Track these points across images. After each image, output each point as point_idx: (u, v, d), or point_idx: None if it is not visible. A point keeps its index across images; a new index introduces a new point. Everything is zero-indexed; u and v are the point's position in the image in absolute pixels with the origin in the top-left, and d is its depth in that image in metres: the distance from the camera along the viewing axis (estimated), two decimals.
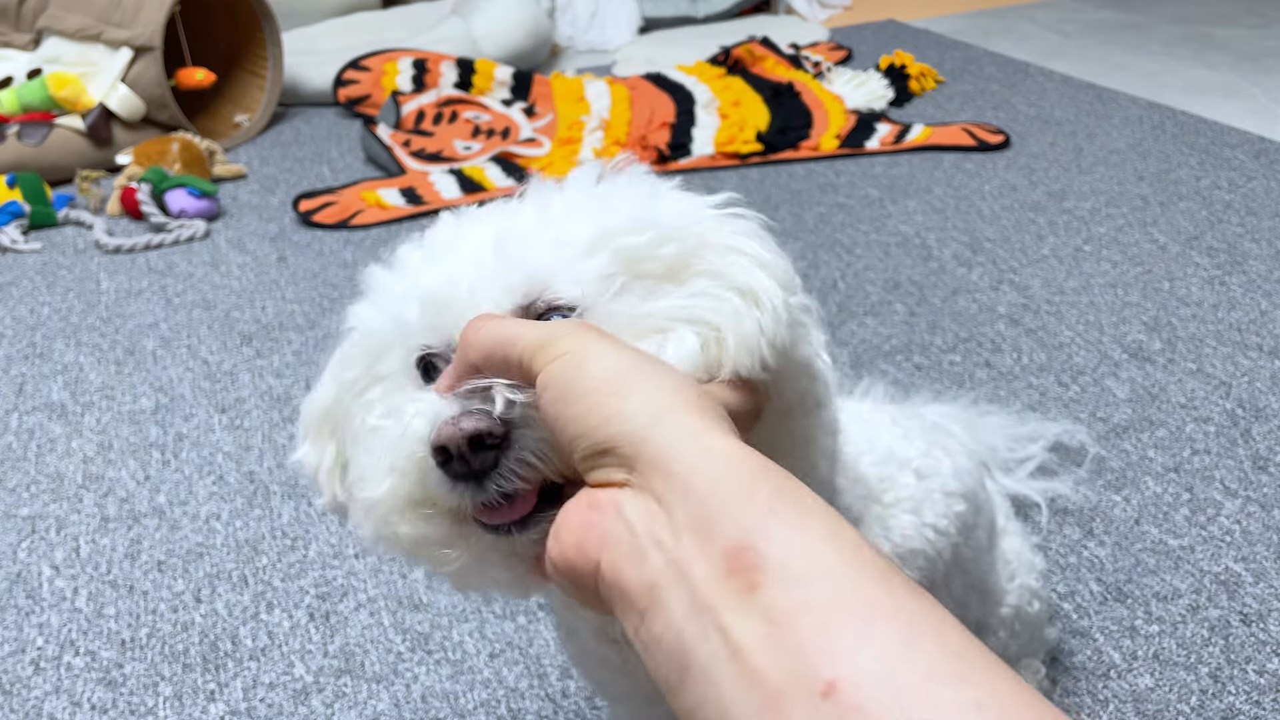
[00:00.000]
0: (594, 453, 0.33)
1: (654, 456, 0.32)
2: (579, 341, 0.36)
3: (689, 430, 0.32)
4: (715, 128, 2.12)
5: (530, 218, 0.46)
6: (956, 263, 1.60)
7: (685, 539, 0.30)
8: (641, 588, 0.30)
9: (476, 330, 0.38)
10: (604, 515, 0.33)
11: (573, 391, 0.34)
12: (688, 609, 0.29)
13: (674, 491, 0.31)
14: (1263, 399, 1.22)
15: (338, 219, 1.83)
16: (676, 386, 0.34)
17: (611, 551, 0.32)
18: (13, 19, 2.33)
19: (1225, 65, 2.49)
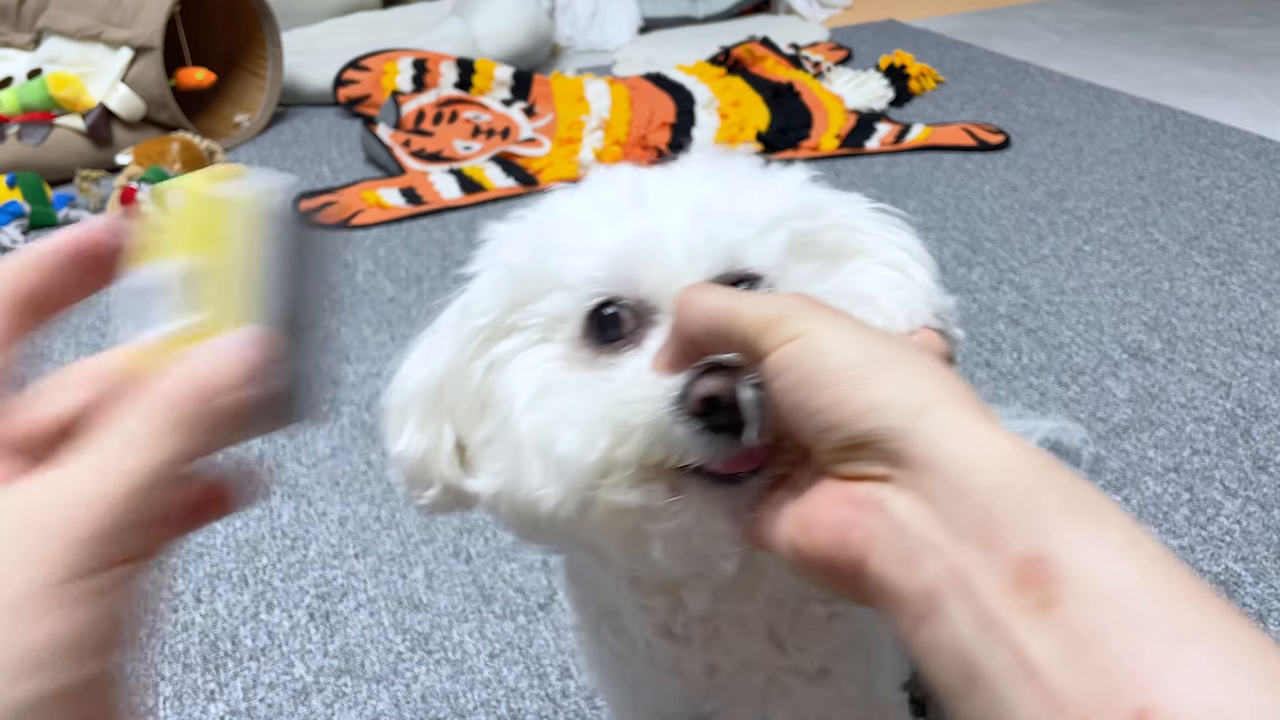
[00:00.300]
0: (849, 446, 0.32)
1: (922, 453, 0.30)
2: (813, 322, 0.34)
3: (960, 425, 0.30)
4: (715, 128, 2.12)
5: (714, 188, 0.45)
6: (956, 263, 1.60)
7: (966, 546, 0.28)
8: (918, 593, 0.29)
9: (694, 300, 0.37)
10: (865, 512, 0.32)
11: (816, 379, 0.32)
12: (974, 622, 0.28)
13: (948, 491, 0.29)
14: (1263, 399, 1.22)
15: (338, 219, 1.83)
16: (935, 375, 0.32)
17: (879, 552, 0.31)
18: (13, 19, 2.33)
19: (1225, 65, 2.49)
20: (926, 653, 0.29)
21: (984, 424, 0.30)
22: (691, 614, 0.49)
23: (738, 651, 0.51)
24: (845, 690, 0.52)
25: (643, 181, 0.46)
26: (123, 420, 0.26)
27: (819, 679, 0.52)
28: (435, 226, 1.81)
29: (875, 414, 0.31)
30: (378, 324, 1.50)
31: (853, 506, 0.32)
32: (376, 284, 1.62)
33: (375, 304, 1.56)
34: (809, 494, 0.34)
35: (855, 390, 0.32)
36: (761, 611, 0.50)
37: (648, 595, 0.49)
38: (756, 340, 0.34)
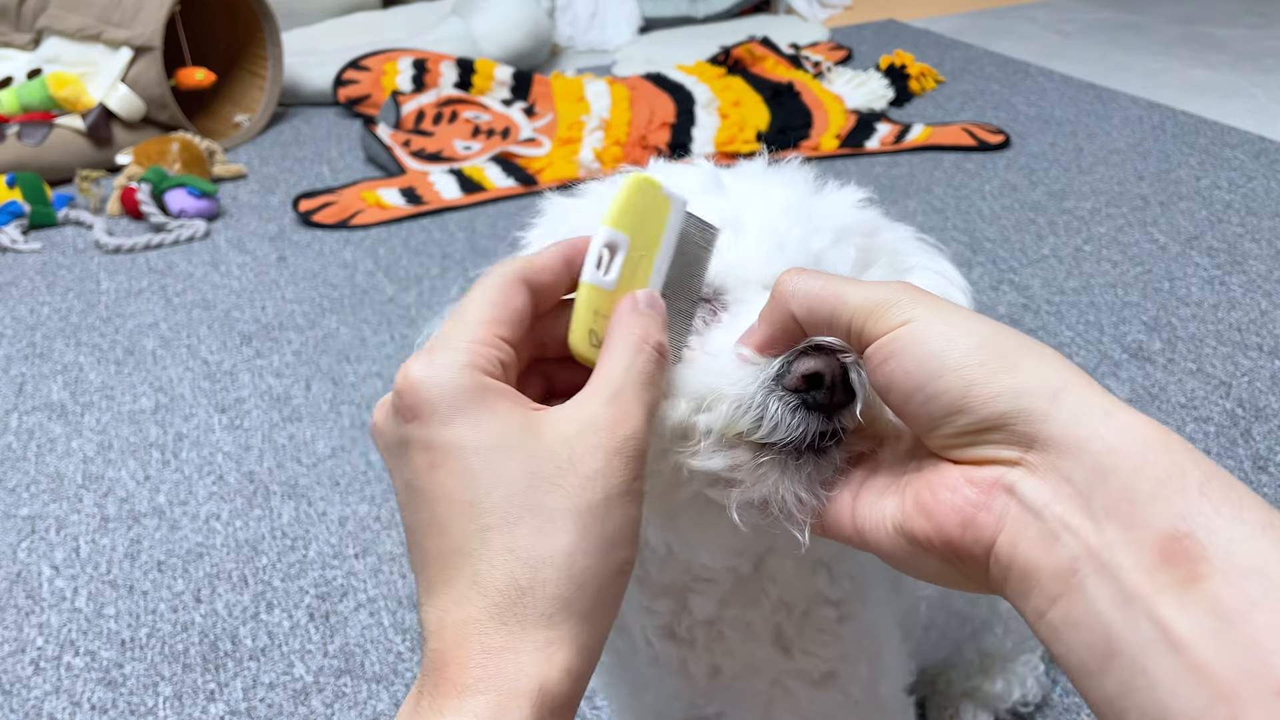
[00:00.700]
0: (977, 429, 0.33)
1: (1059, 435, 0.31)
2: (922, 308, 0.34)
3: (1097, 407, 0.31)
4: (715, 128, 2.12)
5: (789, 192, 0.47)
6: (956, 263, 1.59)
7: (1106, 525, 0.29)
8: (1053, 572, 0.30)
9: (796, 282, 0.37)
10: (993, 496, 0.32)
11: (935, 365, 0.33)
12: (1114, 597, 0.28)
13: (1088, 472, 0.30)
14: (1263, 399, 1.22)
15: (338, 219, 1.83)
16: (1058, 360, 0.33)
17: (1011, 534, 0.31)
18: (13, 19, 2.33)
19: (1225, 65, 2.49)
20: (1059, 630, 0.30)
21: (1119, 406, 0.31)
22: (696, 618, 0.49)
23: (742, 655, 0.51)
24: (850, 693, 0.52)
25: (719, 174, 0.47)
26: (619, 370, 0.36)
27: (824, 682, 0.51)
28: (435, 226, 1.81)
29: (1008, 398, 0.32)
30: (378, 324, 1.50)
31: (979, 490, 0.33)
32: (376, 284, 1.62)
33: (375, 304, 1.56)
34: (921, 476, 0.35)
35: (984, 375, 0.32)
36: (768, 617, 0.50)
37: (653, 597, 0.49)
38: (863, 324, 0.35)
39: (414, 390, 0.34)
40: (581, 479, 0.33)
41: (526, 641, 0.31)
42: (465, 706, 0.31)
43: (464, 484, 0.33)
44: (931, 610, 0.66)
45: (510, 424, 0.33)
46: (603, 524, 0.33)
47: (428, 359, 0.34)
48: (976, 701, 0.85)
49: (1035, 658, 0.84)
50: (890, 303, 0.35)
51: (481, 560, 0.32)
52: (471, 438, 0.33)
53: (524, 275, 0.37)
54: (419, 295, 1.58)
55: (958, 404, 0.33)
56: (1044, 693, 0.86)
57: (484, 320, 0.35)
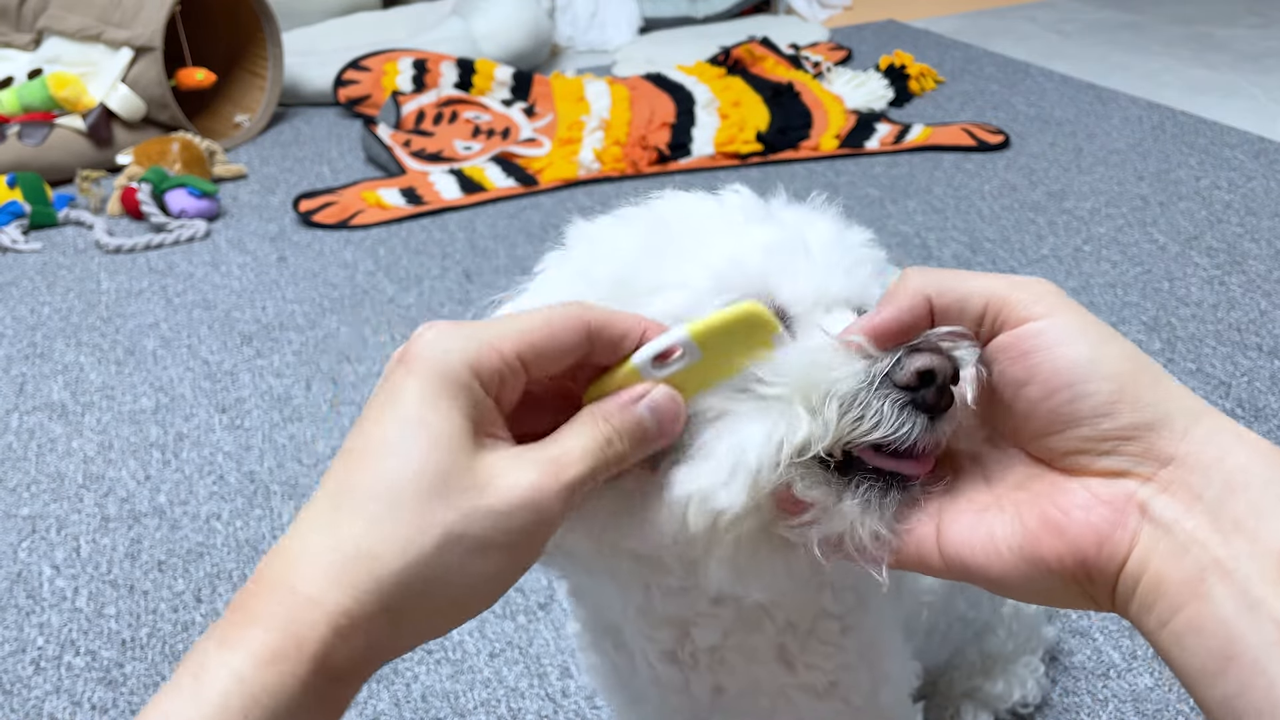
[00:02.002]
0: (1118, 436, 0.33)
1: (1194, 453, 0.33)
2: (1067, 305, 0.35)
3: (1230, 431, 0.33)
4: (715, 128, 2.12)
5: (837, 226, 0.48)
6: (956, 263, 1.60)
7: (1235, 538, 0.31)
8: (1182, 583, 0.31)
9: (924, 272, 0.37)
10: (1126, 513, 0.33)
11: (1087, 365, 0.34)
12: (1238, 603, 0.30)
13: (1218, 489, 0.32)
14: (1262, 399, 1.22)
15: (338, 219, 1.83)
16: (1192, 393, 0.35)
17: (1143, 550, 0.33)
18: (13, 19, 2.33)
19: (1225, 65, 2.49)
20: (1182, 636, 0.31)
21: (1248, 431, 0.33)
22: (699, 645, 0.49)
23: (745, 675, 0.50)
24: (851, 701, 0.52)
25: (759, 202, 0.47)
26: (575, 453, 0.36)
27: (827, 693, 0.51)
28: (435, 226, 1.81)
29: (1156, 409, 0.33)
30: (378, 324, 1.50)
31: (1112, 508, 0.34)
32: (376, 284, 1.62)
33: (375, 304, 1.56)
34: (1041, 495, 0.35)
35: (1135, 384, 0.33)
36: (772, 639, 0.49)
37: (654, 627, 0.49)
38: (1000, 309, 0.35)
39: (417, 343, 0.35)
40: (478, 508, 0.33)
41: (334, 603, 0.32)
42: (247, 636, 0.31)
43: (385, 441, 0.34)
44: (934, 615, 0.66)
45: (456, 425, 0.34)
46: (463, 561, 0.33)
47: (449, 330, 0.35)
48: (977, 702, 0.85)
49: (1035, 659, 0.84)
50: (1031, 293, 0.35)
51: (345, 511, 0.33)
52: (417, 411, 0.34)
53: (590, 322, 0.37)
54: (419, 295, 1.58)
55: (1107, 406, 0.33)
56: (1044, 694, 0.86)
57: (519, 336, 0.36)
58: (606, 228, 0.48)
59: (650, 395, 0.37)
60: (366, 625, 0.32)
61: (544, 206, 1.88)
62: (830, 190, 2.06)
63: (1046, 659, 0.87)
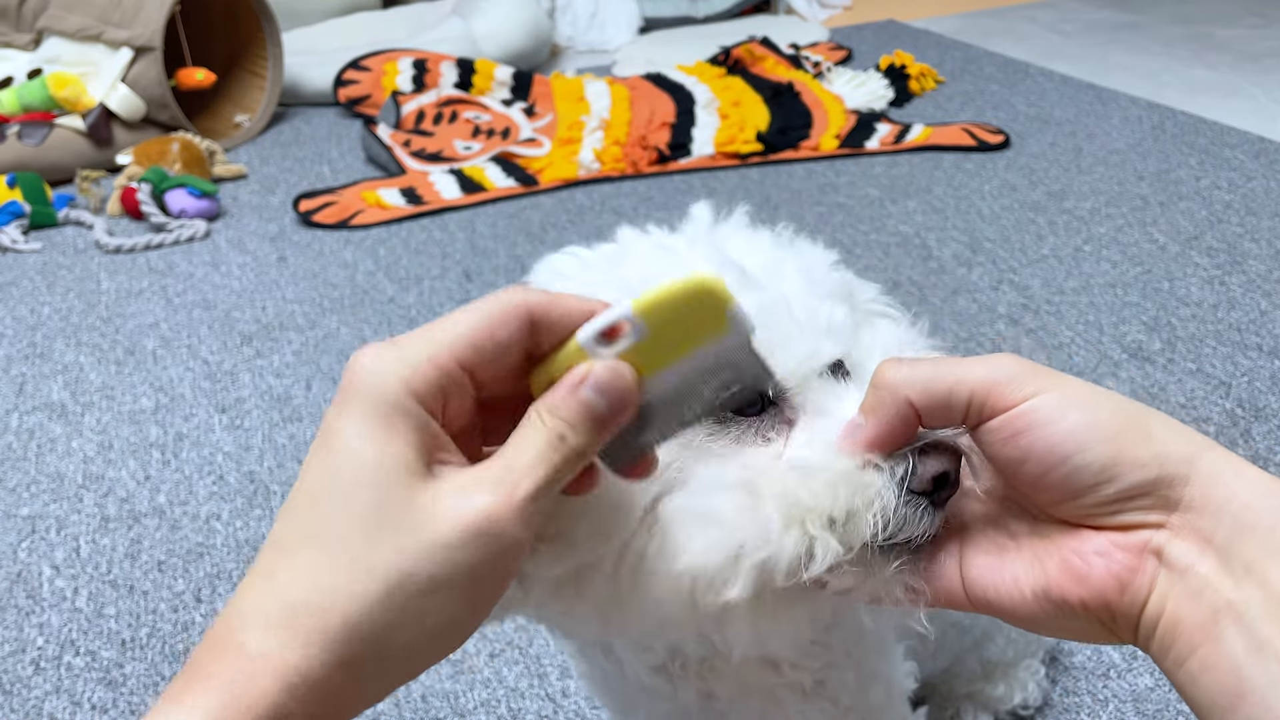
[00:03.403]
0: (1126, 496, 0.35)
1: (1200, 497, 0.34)
2: (1047, 379, 0.36)
3: (1229, 467, 0.34)
4: (715, 128, 2.12)
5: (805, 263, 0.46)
6: (956, 263, 1.60)
7: (1245, 581, 0.32)
8: (1197, 626, 0.33)
9: (903, 371, 0.37)
10: (1144, 559, 0.35)
11: (1079, 436, 0.34)
12: (1247, 645, 0.31)
13: (1227, 531, 0.33)
14: (1262, 399, 1.22)
15: (338, 219, 1.83)
16: (1179, 425, 0.35)
17: (1161, 593, 0.34)
18: (13, 19, 2.33)
19: (1225, 65, 2.49)
20: (1196, 676, 0.33)
21: (1246, 464, 0.34)
22: (690, 657, 0.49)
23: (735, 680, 0.50)
24: (840, 700, 0.52)
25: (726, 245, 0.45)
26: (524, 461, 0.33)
27: (814, 693, 0.51)
28: (435, 226, 1.81)
29: (1154, 465, 0.34)
30: (378, 324, 1.50)
31: (1131, 554, 0.35)
32: (376, 284, 1.62)
33: (375, 304, 1.56)
34: (1062, 544, 0.36)
35: (1129, 445, 0.34)
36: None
37: (645, 648, 0.49)
38: (985, 399, 0.36)
39: (349, 372, 0.34)
40: (423, 542, 0.31)
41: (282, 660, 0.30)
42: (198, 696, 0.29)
43: (320, 484, 0.32)
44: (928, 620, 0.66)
45: (394, 457, 0.32)
46: (416, 604, 0.31)
47: (380, 352, 0.33)
48: (977, 704, 0.85)
49: (1036, 662, 0.84)
50: (1013, 375, 0.36)
51: (283, 560, 0.31)
52: (353, 446, 0.32)
53: (530, 308, 0.34)
54: (419, 295, 1.58)
55: (1105, 474, 0.34)
56: (1044, 696, 0.86)
57: (452, 341, 0.33)
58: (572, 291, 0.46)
59: (593, 374, 0.34)
60: (322, 682, 0.30)
61: (544, 206, 1.88)
62: (830, 190, 2.05)
63: (1047, 660, 0.87)
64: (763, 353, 0.36)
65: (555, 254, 0.48)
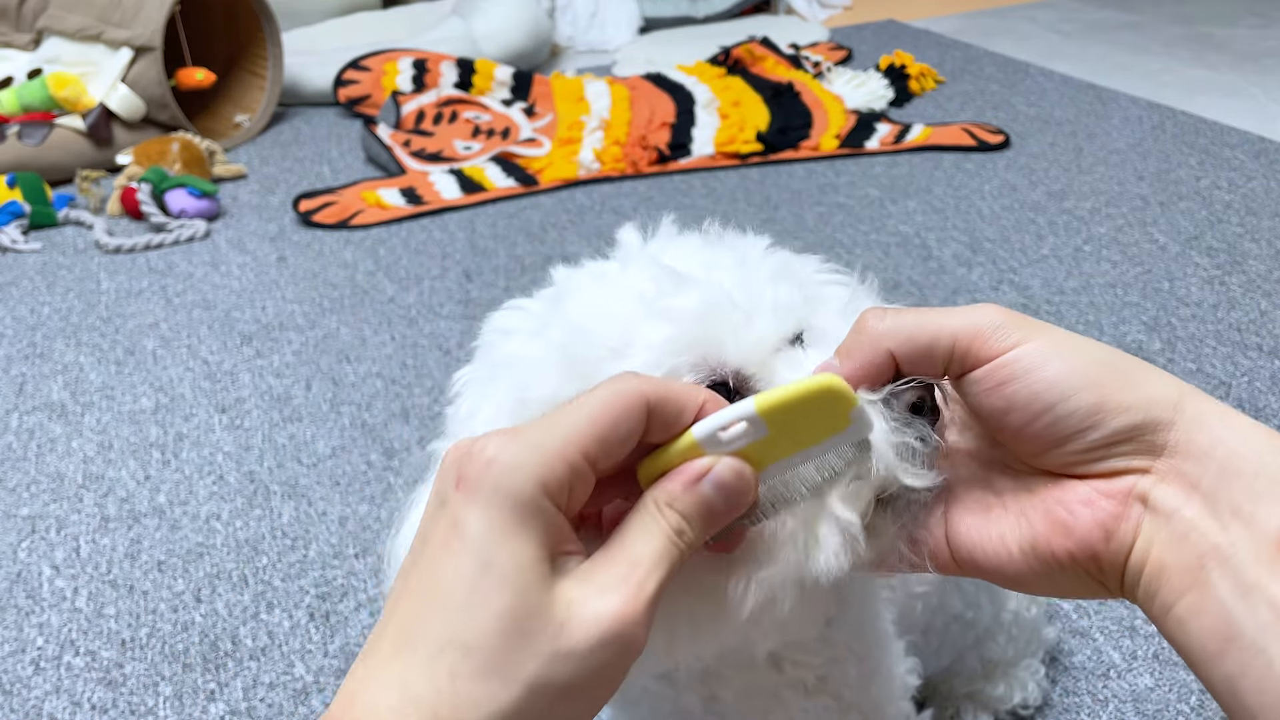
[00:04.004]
0: (1109, 442, 0.34)
1: (1184, 441, 0.33)
2: (1030, 329, 0.36)
3: (1213, 413, 0.34)
4: (715, 128, 2.12)
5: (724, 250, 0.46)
6: (956, 263, 1.60)
7: (1229, 523, 0.32)
8: (1183, 569, 0.33)
9: (886, 319, 0.37)
10: (1129, 506, 0.34)
11: (1064, 384, 0.34)
12: (1235, 587, 0.31)
13: (1212, 476, 0.33)
14: (1262, 399, 1.22)
15: (338, 219, 1.83)
16: (1162, 372, 0.35)
17: (1146, 538, 0.34)
18: (13, 19, 2.33)
19: (1225, 65, 2.49)
20: (1184, 621, 0.32)
21: (1231, 411, 0.34)
22: (694, 665, 0.49)
23: (739, 683, 0.50)
24: (842, 696, 0.52)
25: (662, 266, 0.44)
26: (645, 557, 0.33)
27: (817, 690, 0.51)
28: (435, 226, 1.81)
29: (1139, 410, 0.34)
30: (378, 324, 1.50)
31: (1116, 501, 0.35)
32: (376, 284, 1.62)
33: (375, 304, 1.56)
34: (1046, 495, 0.36)
35: (1113, 391, 0.34)
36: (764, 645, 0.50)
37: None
38: (968, 347, 0.36)
39: (474, 461, 0.32)
40: (560, 650, 0.31)
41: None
42: None
43: (453, 584, 0.31)
44: (929, 613, 0.66)
45: (528, 560, 0.31)
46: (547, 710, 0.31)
47: (510, 444, 0.32)
48: (977, 703, 0.85)
49: (1036, 662, 0.84)
50: (995, 324, 0.36)
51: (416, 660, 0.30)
52: (487, 546, 0.31)
53: (648, 397, 0.34)
54: (419, 295, 1.58)
55: (1089, 420, 0.34)
56: (1044, 696, 0.86)
57: (583, 435, 0.33)
58: (522, 344, 0.45)
59: (715, 471, 0.34)
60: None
61: (544, 206, 1.88)
62: (830, 190, 2.05)
63: (1047, 659, 0.87)
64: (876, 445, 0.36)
65: (498, 312, 0.48)
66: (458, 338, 1.45)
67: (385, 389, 1.34)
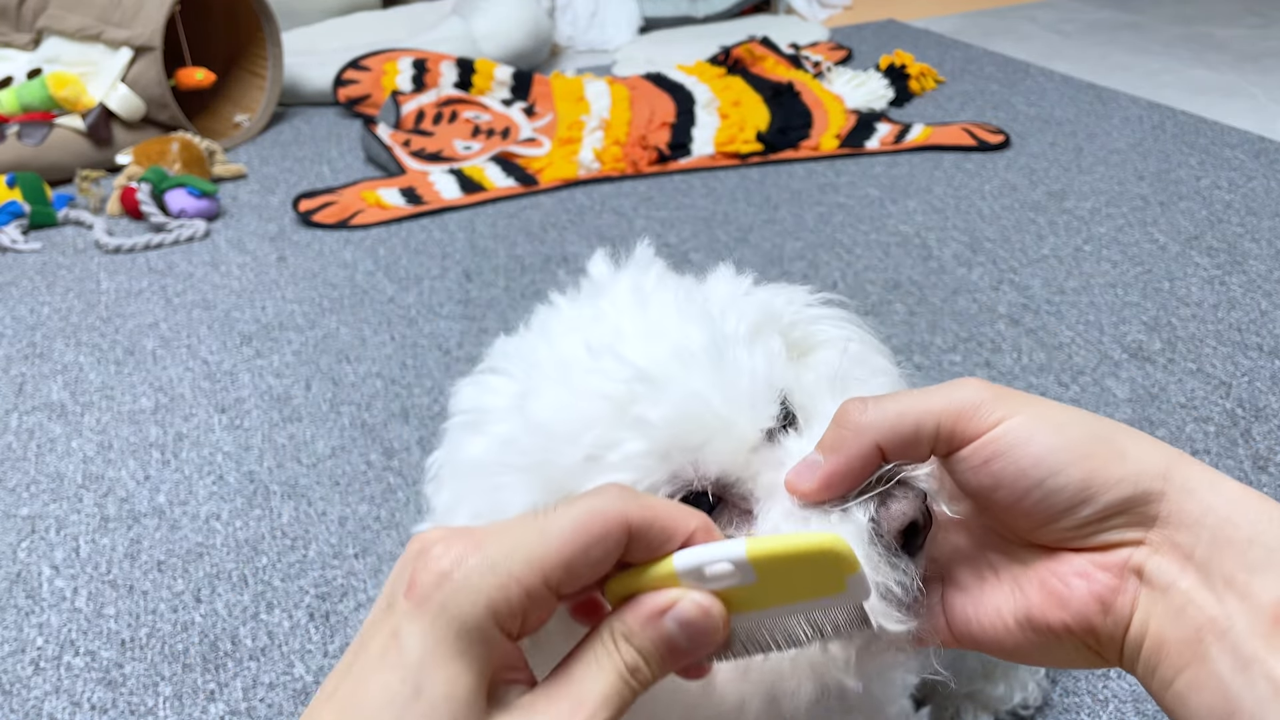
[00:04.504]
0: (1103, 516, 0.34)
1: (1176, 512, 0.33)
2: (1014, 403, 0.35)
3: (1203, 480, 0.33)
4: (715, 127, 2.12)
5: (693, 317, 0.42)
6: (956, 263, 1.60)
7: (1224, 595, 0.32)
8: (1182, 644, 0.32)
9: (868, 413, 0.36)
10: (1125, 578, 0.34)
11: (1051, 460, 0.34)
12: (1233, 662, 0.31)
13: (1205, 546, 0.32)
14: (1263, 399, 1.22)
15: (338, 219, 1.83)
16: (1149, 438, 0.35)
17: (1144, 612, 0.34)
18: (13, 19, 2.33)
19: (1225, 65, 2.49)
20: (1185, 697, 0.32)
21: (1220, 477, 0.33)
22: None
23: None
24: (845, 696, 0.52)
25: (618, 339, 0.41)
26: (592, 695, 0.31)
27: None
28: (435, 226, 1.81)
29: (1128, 484, 0.34)
30: (378, 324, 1.50)
31: (1112, 574, 0.34)
32: (376, 284, 1.62)
33: (375, 304, 1.56)
34: (1041, 568, 0.36)
35: (1102, 465, 0.34)
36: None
37: None
38: (953, 427, 0.35)
39: (425, 572, 0.30)
40: None
41: None
42: None
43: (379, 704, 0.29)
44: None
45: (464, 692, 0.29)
46: None
47: (463, 556, 0.30)
48: (977, 703, 0.85)
49: None
50: (978, 402, 0.35)
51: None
52: (423, 669, 0.29)
53: (630, 521, 0.31)
54: (419, 295, 1.58)
55: (1080, 495, 0.34)
56: (1044, 696, 0.86)
57: (548, 557, 0.30)
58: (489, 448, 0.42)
59: (680, 606, 0.31)
60: None
61: (544, 206, 1.88)
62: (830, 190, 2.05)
63: None
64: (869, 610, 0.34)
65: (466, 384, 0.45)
66: (457, 338, 1.45)
67: (385, 389, 1.34)
